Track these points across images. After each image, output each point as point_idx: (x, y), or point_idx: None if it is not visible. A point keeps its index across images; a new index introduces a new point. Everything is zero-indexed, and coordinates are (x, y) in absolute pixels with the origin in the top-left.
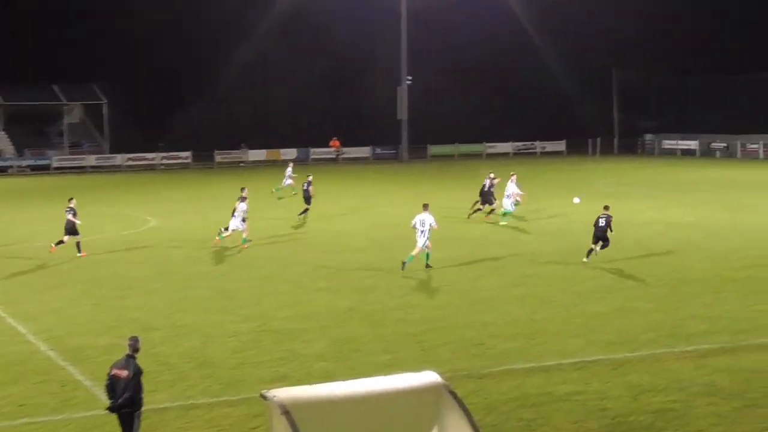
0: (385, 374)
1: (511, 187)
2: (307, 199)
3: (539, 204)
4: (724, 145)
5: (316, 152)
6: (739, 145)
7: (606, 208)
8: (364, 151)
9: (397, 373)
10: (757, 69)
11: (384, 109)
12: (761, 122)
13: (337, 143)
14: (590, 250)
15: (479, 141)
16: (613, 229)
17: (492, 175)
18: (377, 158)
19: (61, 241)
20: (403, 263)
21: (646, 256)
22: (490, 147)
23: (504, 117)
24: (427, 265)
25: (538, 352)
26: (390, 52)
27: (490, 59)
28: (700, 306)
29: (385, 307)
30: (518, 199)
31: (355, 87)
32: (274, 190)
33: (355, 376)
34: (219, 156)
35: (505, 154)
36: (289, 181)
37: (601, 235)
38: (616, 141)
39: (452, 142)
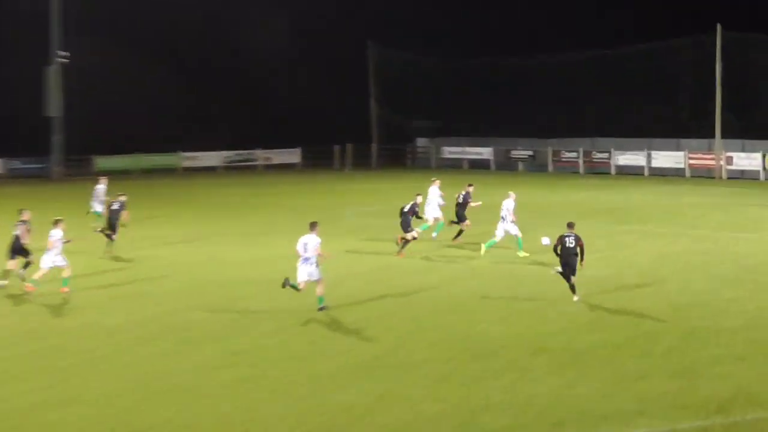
0: None
1: (509, 205)
2: (113, 225)
3: (267, 240)
4: (530, 153)
5: None
6: (550, 154)
7: (570, 225)
8: None
9: None
10: (578, 47)
11: (23, 102)
12: (581, 121)
13: None
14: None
15: (173, 150)
16: (584, 256)
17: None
18: (14, 176)
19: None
20: (285, 280)
21: (417, 319)
22: (190, 158)
23: (210, 116)
24: (321, 308)
25: None
26: (34, 16)
27: (189, 34)
28: (499, 389)
29: None
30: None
31: None
32: (89, 212)
33: None
34: None
35: (211, 169)
36: (100, 205)
37: (571, 262)
38: (375, 148)
39: (132, 152)
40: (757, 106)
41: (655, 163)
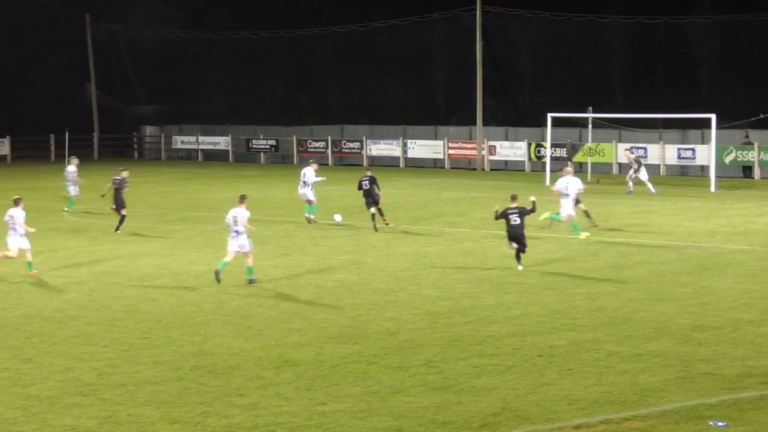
0: None
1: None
2: (120, 202)
3: None
4: (273, 143)
5: None
6: (295, 144)
7: (514, 198)
8: None
9: None
10: (323, 21)
11: None
12: (330, 107)
13: None
14: (517, 254)
15: None
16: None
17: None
18: None
19: None
20: (217, 273)
21: (145, 332)
22: None
23: None
24: (251, 281)
25: None
26: None
27: None
28: (242, 408)
29: None
30: None
31: None
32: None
33: None
34: None
35: None
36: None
37: (519, 234)
38: (96, 138)
39: None
40: (520, 90)
41: (411, 154)
